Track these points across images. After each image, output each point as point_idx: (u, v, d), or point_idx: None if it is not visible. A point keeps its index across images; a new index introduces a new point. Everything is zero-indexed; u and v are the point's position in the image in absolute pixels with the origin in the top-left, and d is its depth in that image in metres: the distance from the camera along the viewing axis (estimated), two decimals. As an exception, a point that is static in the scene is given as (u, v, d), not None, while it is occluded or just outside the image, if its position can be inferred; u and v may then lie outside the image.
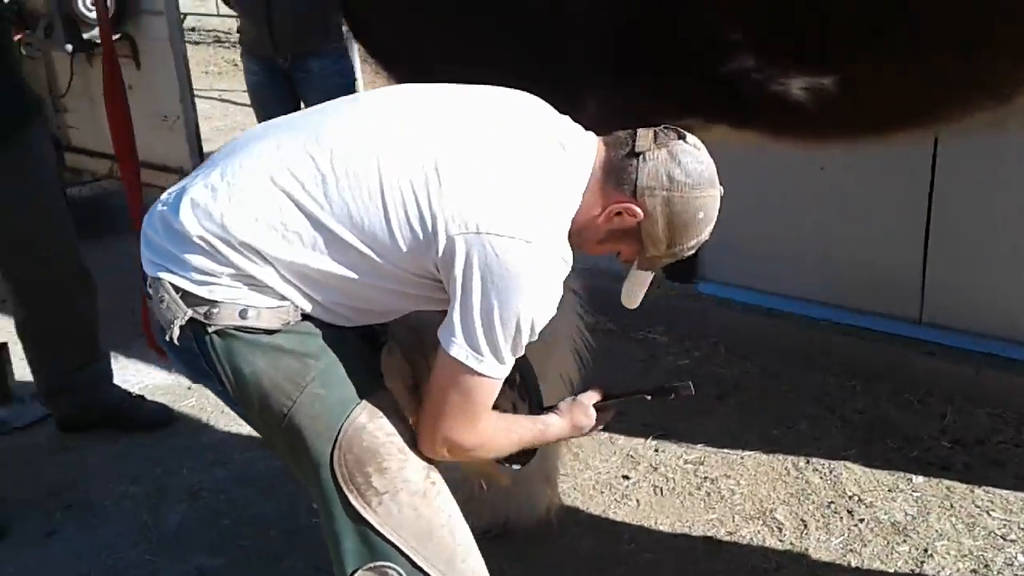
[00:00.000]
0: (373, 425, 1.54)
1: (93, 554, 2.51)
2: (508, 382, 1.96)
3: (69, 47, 4.64)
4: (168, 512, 2.67)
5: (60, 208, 2.87)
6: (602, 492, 2.74)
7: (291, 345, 1.51)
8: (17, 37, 4.54)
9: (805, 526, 2.56)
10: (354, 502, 1.52)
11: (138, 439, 3.03)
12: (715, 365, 3.47)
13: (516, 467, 1.99)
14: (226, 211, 1.48)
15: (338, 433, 1.51)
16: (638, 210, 1.54)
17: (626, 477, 2.81)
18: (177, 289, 1.49)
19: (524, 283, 1.46)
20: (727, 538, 2.52)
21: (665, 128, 1.58)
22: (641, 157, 1.54)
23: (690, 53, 1.85)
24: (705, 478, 2.79)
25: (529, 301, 1.48)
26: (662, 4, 1.88)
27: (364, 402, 1.54)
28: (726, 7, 1.79)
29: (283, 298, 1.50)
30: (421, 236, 1.46)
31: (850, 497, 2.67)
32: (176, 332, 1.48)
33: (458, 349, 1.48)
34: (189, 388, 3.26)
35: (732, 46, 1.77)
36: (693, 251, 1.63)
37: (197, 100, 4.80)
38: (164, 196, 1.60)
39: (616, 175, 1.56)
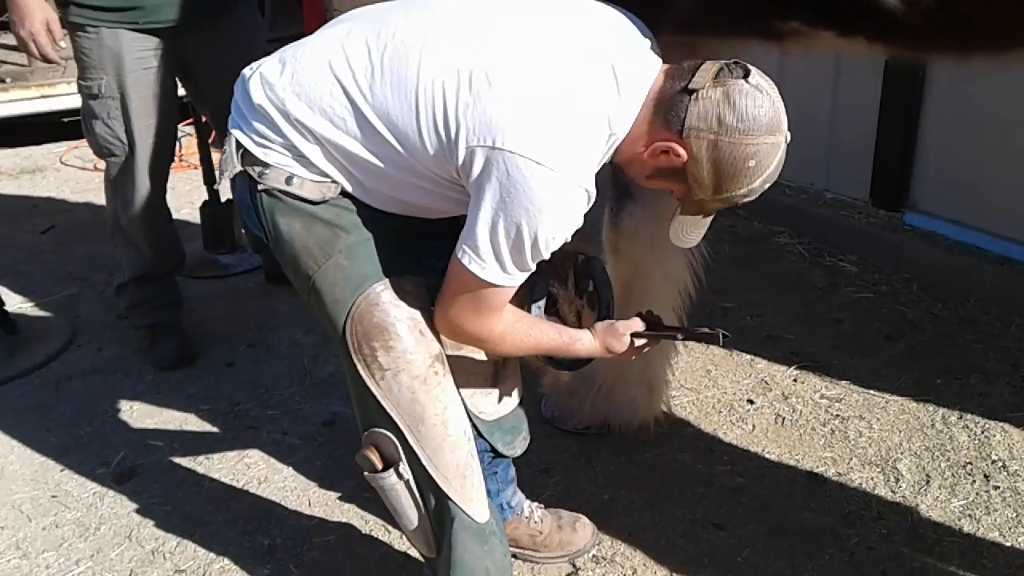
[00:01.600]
0: (386, 304, 1.63)
1: (254, 387, 2.89)
2: (578, 290, 2.01)
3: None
4: (325, 363, 2.99)
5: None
6: (720, 412, 2.69)
7: (326, 216, 1.62)
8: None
9: (927, 482, 2.37)
10: (361, 371, 1.64)
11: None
12: (899, 303, 3.21)
13: (566, 372, 2.03)
14: (286, 87, 1.59)
15: (351, 305, 1.62)
16: (682, 151, 1.49)
17: (750, 401, 2.73)
18: (239, 146, 1.63)
19: (538, 206, 1.46)
20: (833, 478, 2.40)
21: (733, 63, 1.49)
22: (694, 95, 1.47)
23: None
24: (836, 415, 2.65)
25: (540, 224, 1.47)
26: None
27: (384, 281, 1.63)
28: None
29: (325, 174, 1.61)
30: (444, 142, 1.49)
31: (992, 462, 2.42)
32: (225, 182, 1.65)
33: (464, 253, 1.52)
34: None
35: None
36: (751, 199, 1.54)
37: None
38: (254, 63, 1.71)
39: (666, 111, 1.50)
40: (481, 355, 1.88)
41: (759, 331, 3.09)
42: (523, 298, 2.00)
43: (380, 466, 1.70)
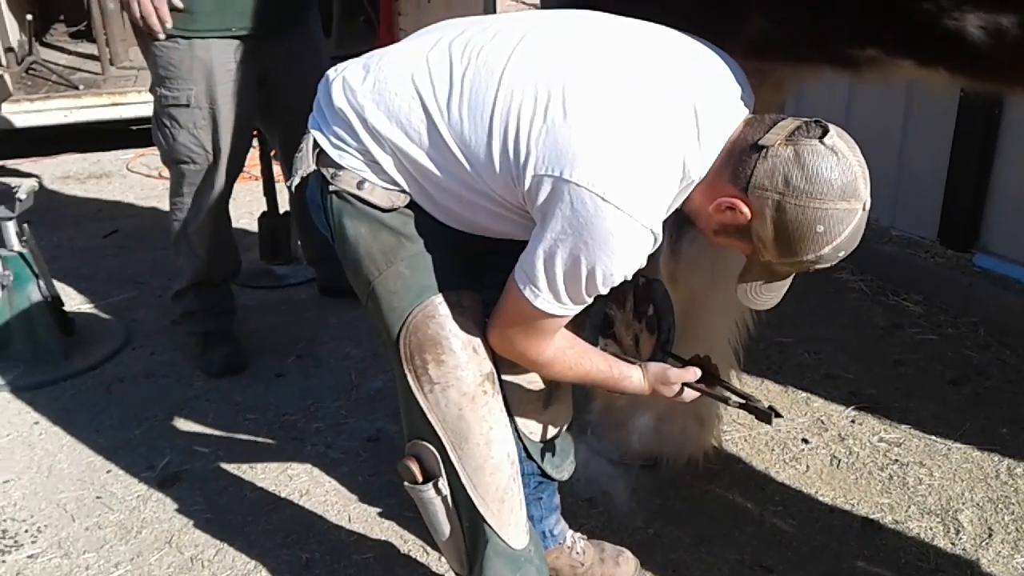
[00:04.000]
0: (443, 318, 1.61)
1: (301, 399, 2.89)
2: (636, 313, 1.96)
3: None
4: (374, 378, 2.98)
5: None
6: (772, 450, 2.61)
7: (393, 223, 1.61)
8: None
9: (990, 535, 2.26)
10: (411, 382, 1.63)
11: (374, 311, 3.39)
12: (965, 346, 3.09)
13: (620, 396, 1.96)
14: (367, 94, 1.58)
15: (408, 315, 1.61)
16: (746, 209, 1.44)
17: (805, 440, 2.64)
18: (316, 145, 1.63)
19: (599, 243, 1.42)
20: (890, 526, 2.30)
21: (814, 122, 1.43)
22: (764, 152, 1.42)
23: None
24: (895, 460, 2.55)
25: (598, 261, 1.44)
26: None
27: (442, 294, 1.62)
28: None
29: (396, 184, 1.59)
30: (513, 167, 1.47)
31: (1061, 519, 2.30)
32: (295, 182, 1.65)
33: (520, 276, 1.50)
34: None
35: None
36: (823, 265, 1.47)
37: None
38: (339, 66, 1.71)
39: (734, 165, 1.45)
40: (535, 377, 1.84)
41: (817, 369, 3.00)
42: (579, 318, 1.96)
43: (420, 478, 1.69)
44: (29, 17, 5.11)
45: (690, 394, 1.77)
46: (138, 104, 4.78)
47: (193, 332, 3.10)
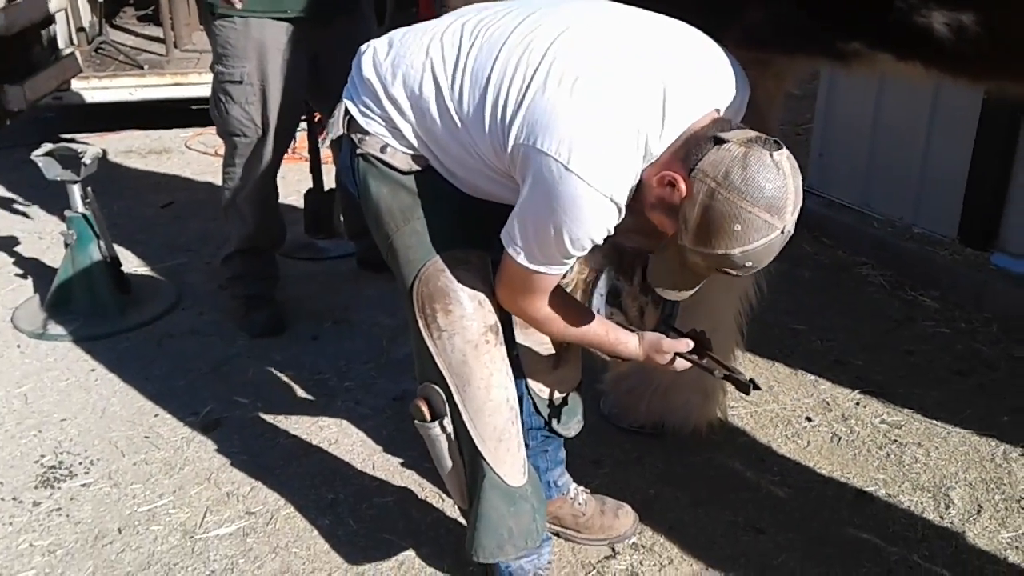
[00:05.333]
0: (452, 271, 1.77)
1: (335, 360, 3.08)
2: (644, 286, 2.10)
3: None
4: (403, 344, 3.16)
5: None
6: (776, 426, 2.73)
7: (410, 185, 1.78)
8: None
9: (978, 512, 2.37)
10: (422, 328, 1.80)
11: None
12: (976, 341, 3.18)
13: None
14: (388, 65, 1.76)
15: (421, 267, 1.78)
16: (684, 188, 1.51)
17: (808, 419, 2.76)
18: (347, 113, 1.81)
19: (564, 209, 1.55)
20: (883, 498, 2.42)
21: (773, 140, 1.51)
22: (720, 144, 1.50)
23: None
24: (894, 440, 2.66)
25: (564, 226, 1.56)
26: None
27: (453, 250, 1.78)
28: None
29: (415, 149, 1.76)
30: (500, 136, 1.62)
31: (1049, 500, 2.40)
32: (327, 143, 1.84)
33: (505, 237, 1.66)
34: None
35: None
36: (729, 270, 1.54)
37: None
38: (371, 40, 1.87)
39: (689, 149, 1.54)
40: (546, 340, 2.01)
41: (827, 355, 3.11)
42: (587, 288, 2.11)
43: (428, 417, 1.85)
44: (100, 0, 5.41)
45: (681, 363, 1.90)
46: (198, 85, 5.02)
47: (238, 295, 3.31)
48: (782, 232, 1.50)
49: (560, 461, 2.23)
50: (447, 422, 1.84)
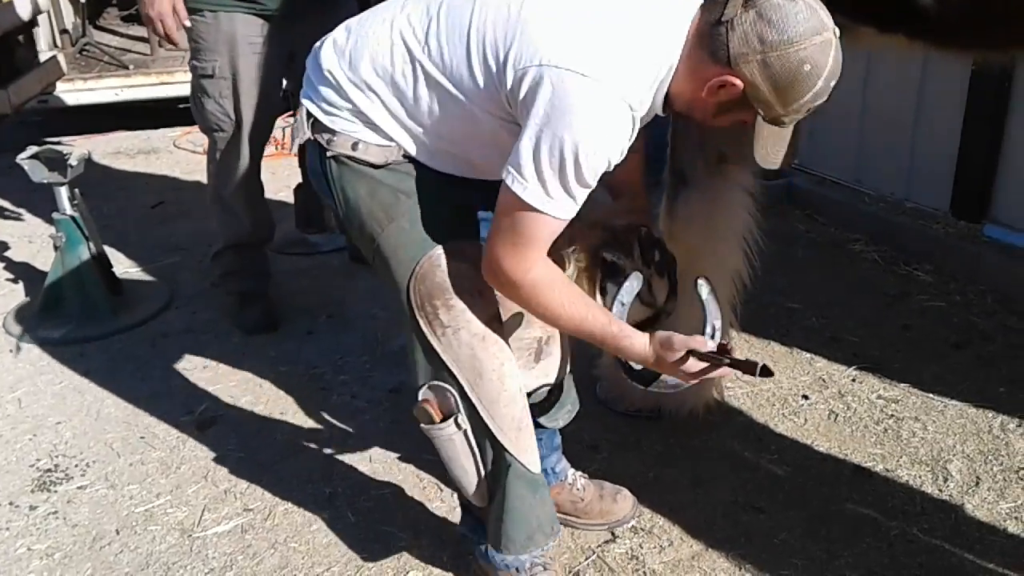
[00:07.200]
0: (448, 265, 1.72)
1: (330, 354, 3.07)
2: (645, 260, 2.07)
3: None
4: (397, 336, 3.13)
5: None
6: (773, 405, 2.72)
7: (390, 181, 1.73)
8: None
9: (976, 484, 2.36)
10: (424, 327, 1.74)
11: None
12: (972, 313, 3.18)
13: (640, 386, 1.99)
14: (352, 50, 1.70)
15: (415, 265, 1.72)
16: (737, 81, 1.51)
17: (805, 397, 2.76)
18: (309, 115, 1.76)
19: (581, 119, 1.49)
20: (881, 473, 2.42)
21: None
22: (729, 24, 1.49)
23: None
24: (891, 415, 2.66)
25: (581, 140, 1.50)
26: None
27: (446, 244, 1.73)
28: None
29: (390, 139, 1.71)
30: (494, 72, 1.56)
31: (1048, 470, 2.40)
32: (295, 148, 1.80)
33: (507, 173, 1.56)
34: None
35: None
36: (823, 100, 1.55)
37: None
38: (325, 36, 1.82)
39: (708, 45, 1.52)
40: (527, 332, 1.91)
41: (822, 332, 3.11)
42: (592, 277, 2.05)
43: (438, 418, 1.79)
44: (83, 0, 5.37)
45: (694, 365, 1.71)
46: (184, 84, 4.90)
47: (231, 292, 3.30)
48: (834, 35, 1.51)
49: (556, 447, 2.22)
50: (462, 419, 1.78)
